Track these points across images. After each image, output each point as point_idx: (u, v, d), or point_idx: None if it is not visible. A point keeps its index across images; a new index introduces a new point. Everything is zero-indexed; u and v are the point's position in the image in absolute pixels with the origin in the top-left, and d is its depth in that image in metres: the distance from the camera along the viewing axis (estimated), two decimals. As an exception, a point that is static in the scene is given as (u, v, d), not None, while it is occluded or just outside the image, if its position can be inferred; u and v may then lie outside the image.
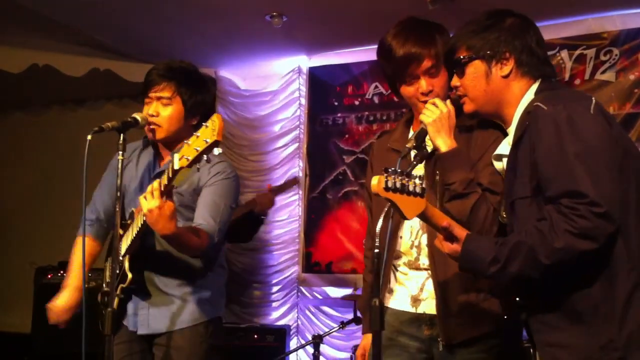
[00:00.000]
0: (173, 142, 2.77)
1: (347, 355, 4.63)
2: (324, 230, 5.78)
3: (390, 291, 2.46)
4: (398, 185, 1.90)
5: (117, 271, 2.66)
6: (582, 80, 4.97)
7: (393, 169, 1.91)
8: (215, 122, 2.12)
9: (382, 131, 5.60)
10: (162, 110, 2.72)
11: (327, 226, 5.77)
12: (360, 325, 4.21)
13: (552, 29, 5.08)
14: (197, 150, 2.15)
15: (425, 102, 2.34)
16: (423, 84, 2.38)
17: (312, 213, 5.83)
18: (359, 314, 4.23)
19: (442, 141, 2.24)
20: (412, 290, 2.39)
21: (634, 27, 4.84)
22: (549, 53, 4.97)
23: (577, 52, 5.00)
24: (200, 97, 2.79)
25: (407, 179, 1.92)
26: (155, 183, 2.34)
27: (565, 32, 5.06)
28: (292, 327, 5.67)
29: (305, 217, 5.83)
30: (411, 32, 2.39)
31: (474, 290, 2.29)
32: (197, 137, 2.15)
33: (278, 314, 5.79)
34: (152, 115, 2.70)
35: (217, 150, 2.15)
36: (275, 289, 5.86)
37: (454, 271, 2.26)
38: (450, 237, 2.01)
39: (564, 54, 5.04)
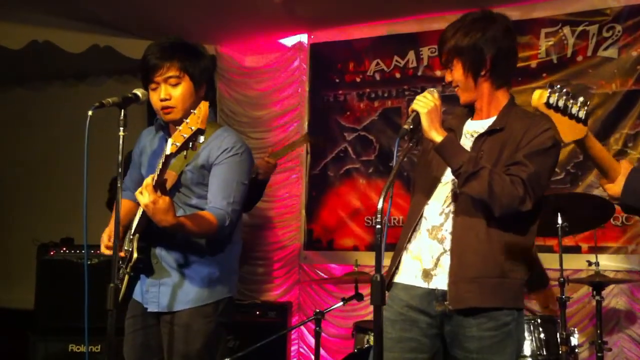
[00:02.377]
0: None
1: (349, 331, 4.65)
2: (325, 207, 5.79)
3: (397, 268, 2.49)
4: (561, 104, 1.87)
5: (127, 248, 2.72)
6: (585, 56, 4.95)
7: (559, 86, 1.90)
8: (201, 110, 2.17)
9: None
10: (173, 91, 2.69)
11: (329, 203, 5.78)
12: (362, 302, 4.28)
13: (555, 5, 5.06)
14: (184, 137, 2.19)
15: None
16: (447, 74, 2.52)
17: (313, 190, 5.83)
18: (360, 291, 4.25)
19: (435, 133, 2.31)
20: (425, 264, 2.42)
21: (637, 3, 4.80)
22: (552, 29, 5.02)
23: (580, 28, 4.97)
24: (203, 65, 2.77)
25: (572, 101, 1.88)
26: (149, 178, 2.36)
27: (568, 8, 5.03)
28: (294, 304, 5.70)
29: (306, 194, 5.84)
30: (458, 23, 2.51)
31: (492, 265, 2.33)
32: (187, 123, 2.19)
33: (280, 291, 5.82)
34: (165, 99, 2.68)
35: (201, 138, 2.20)
36: (277, 265, 5.88)
37: (477, 242, 2.33)
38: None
39: (567, 30, 5.01)
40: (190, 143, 2.19)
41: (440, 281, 2.38)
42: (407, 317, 2.42)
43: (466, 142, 2.47)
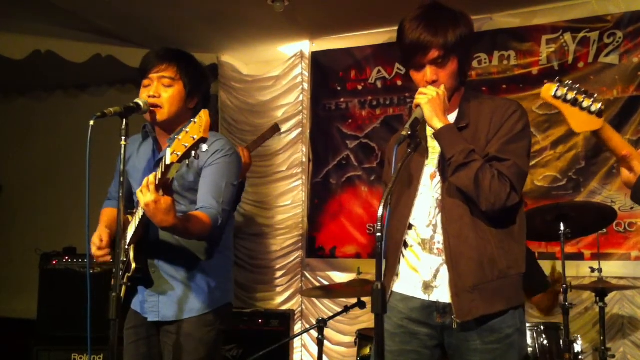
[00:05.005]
0: (172, 125, 2.76)
1: (351, 339, 4.65)
2: (327, 215, 5.78)
3: (397, 275, 2.45)
4: (569, 97, 1.99)
5: (123, 259, 2.69)
6: (586, 63, 4.95)
7: (570, 82, 2.00)
8: (203, 119, 2.15)
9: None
10: (163, 91, 2.71)
11: (331, 211, 5.78)
12: (364, 309, 4.27)
13: (556, 12, 5.07)
14: (185, 147, 2.17)
15: None
16: (428, 72, 2.38)
17: (316, 198, 5.83)
18: (362, 298, 4.24)
19: (437, 120, 2.29)
20: (424, 276, 2.38)
21: (638, 10, 4.81)
22: (553, 36, 5.03)
23: (581, 34, 4.98)
24: (200, 79, 2.79)
25: (584, 96, 1.99)
26: (152, 177, 2.33)
27: (569, 15, 5.04)
28: (296, 312, 5.70)
29: (308, 202, 5.84)
30: (425, 19, 2.37)
31: (489, 268, 2.30)
32: (187, 132, 2.18)
33: (282, 299, 5.81)
34: (154, 97, 2.69)
35: (204, 147, 2.18)
36: (279, 273, 5.87)
37: (469, 249, 2.30)
38: (629, 167, 2.11)
39: (568, 36, 5.02)
40: (193, 152, 2.18)
41: (442, 293, 2.34)
42: (407, 330, 2.40)
43: (435, 144, 2.39)
